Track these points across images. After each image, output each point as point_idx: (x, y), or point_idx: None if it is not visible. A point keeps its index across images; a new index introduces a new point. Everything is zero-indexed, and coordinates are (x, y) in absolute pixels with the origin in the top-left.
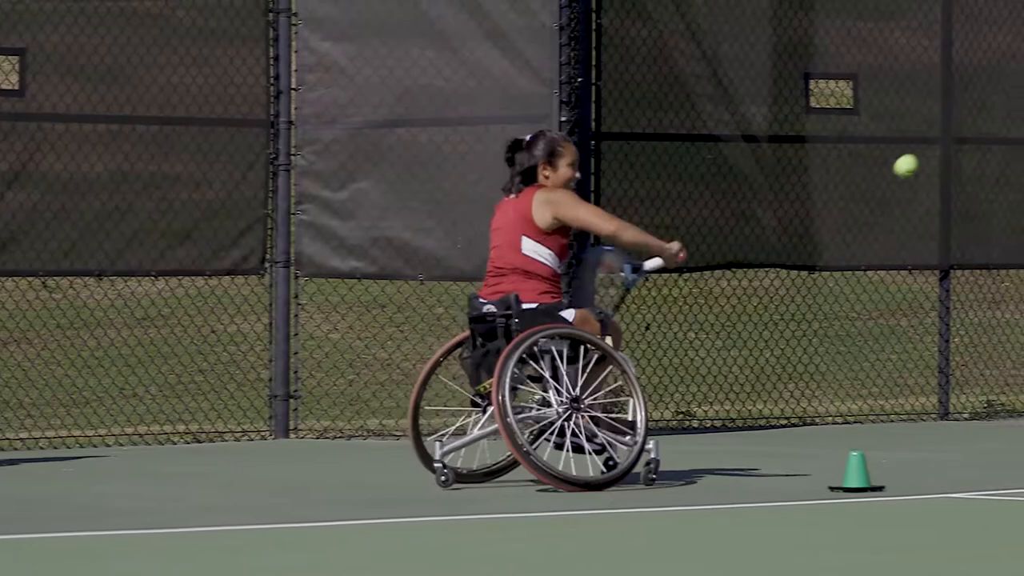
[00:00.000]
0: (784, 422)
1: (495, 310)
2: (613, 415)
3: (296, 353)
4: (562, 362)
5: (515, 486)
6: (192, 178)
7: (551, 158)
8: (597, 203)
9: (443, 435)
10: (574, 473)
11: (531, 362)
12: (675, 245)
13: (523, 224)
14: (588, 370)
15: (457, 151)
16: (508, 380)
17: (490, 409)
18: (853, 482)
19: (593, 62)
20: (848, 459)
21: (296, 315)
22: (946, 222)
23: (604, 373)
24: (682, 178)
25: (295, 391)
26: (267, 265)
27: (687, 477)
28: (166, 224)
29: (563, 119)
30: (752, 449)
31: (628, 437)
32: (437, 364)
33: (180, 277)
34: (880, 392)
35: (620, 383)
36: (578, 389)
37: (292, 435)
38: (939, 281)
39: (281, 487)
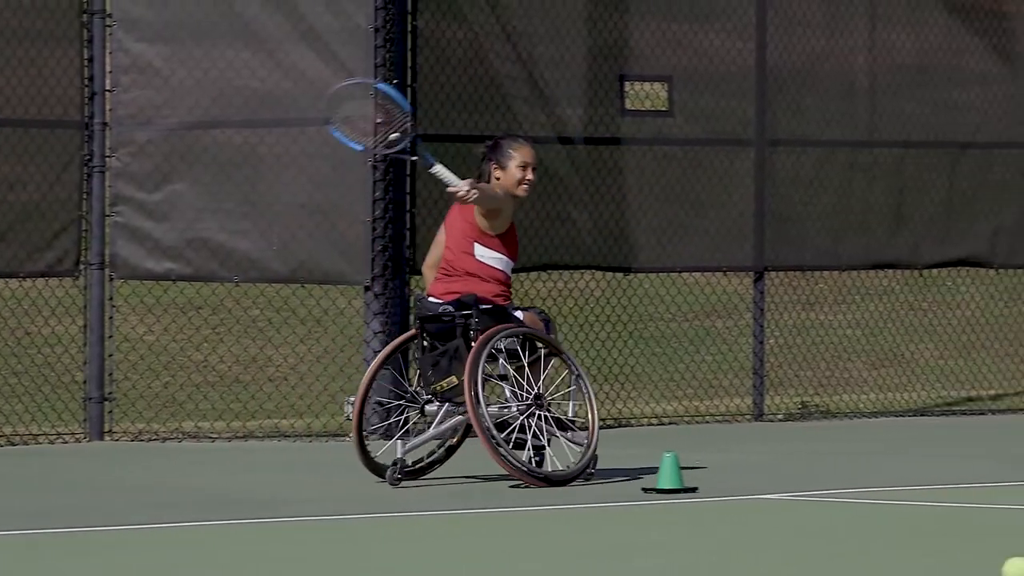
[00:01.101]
0: (600, 423)
1: (452, 310)
2: (557, 412)
3: (111, 355)
4: (535, 359)
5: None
6: (6, 179)
7: (501, 159)
8: (412, 205)
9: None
10: (546, 469)
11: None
12: (458, 184)
13: (472, 230)
14: (544, 368)
15: (272, 152)
16: (480, 377)
17: (444, 407)
18: (666, 483)
19: (408, 64)
20: (662, 460)
21: (111, 317)
22: (760, 224)
23: (547, 371)
24: None
25: (110, 393)
26: (82, 267)
27: (504, 479)
28: None
29: (379, 120)
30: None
31: (570, 433)
32: (382, 364)
33: None
34: (695, 393)
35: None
36: (540, 387)
37: (107, 437)
38: (753, 283)
39: (94, 490)
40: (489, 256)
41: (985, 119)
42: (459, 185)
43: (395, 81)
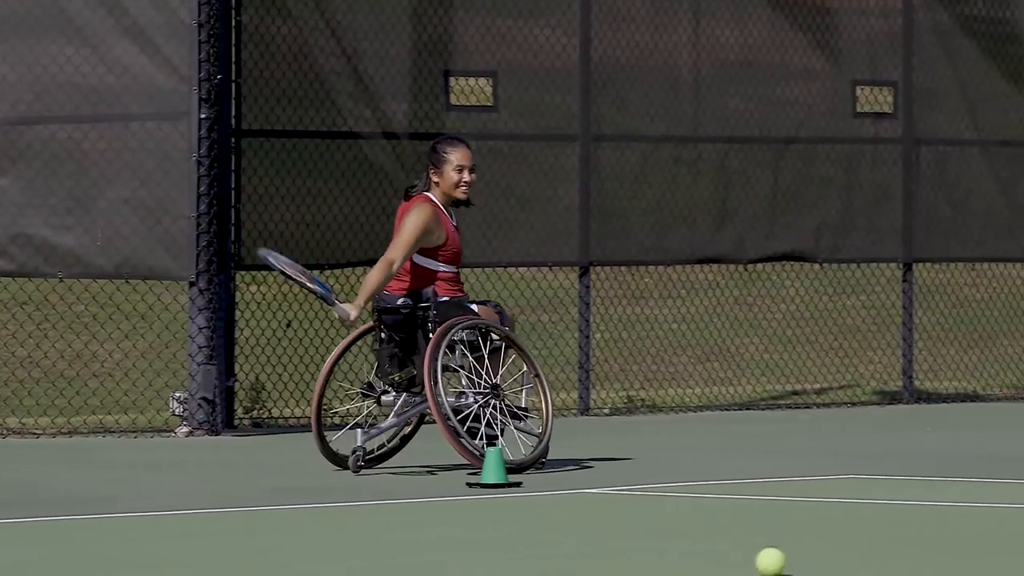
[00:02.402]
0: (427, 418)
1: (411, 302)
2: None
3: None
4: (493, 350)
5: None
6: None
7: (437, 163)
8: (237, 201)
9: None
10: (508, 457)
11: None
12: (345, 312)
13: None
14: (501, 359)
15: (96, 148)
16: (440, 367)
17: (401, 397)
18: (491, 478)
19: (233, 59)
20: (487, 455)
21: None
22: (585, 219)
23: (509, 361)
24: (323, 175)
25: None
26: None
27: (327, 475)
28: None
29: (203, 116)
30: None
31: (524, 423)
32: (340, 356)
33: None
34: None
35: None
36: (497, 378)
37: None
38: (579, 277)
39: None
40: (428, 263)
41: (809, 114)
42: (348, 312)
43: (219, 77)
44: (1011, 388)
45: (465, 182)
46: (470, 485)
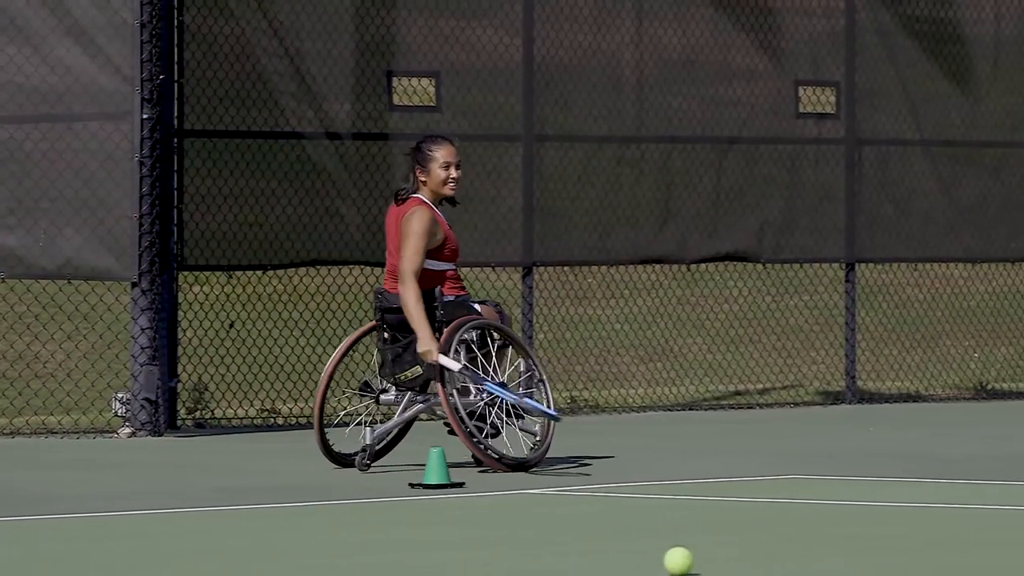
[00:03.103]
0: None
1: None
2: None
3: None
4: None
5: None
6: None
7: (422, 162)
8: (180, 201)
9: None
10: (511, 454)
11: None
12: (429, 354)
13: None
14: (504, 357)
15: (39, 148)
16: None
17: (405, 396)
18: (433, 479)
19: (175, 59)
20: (429, 455)
21: None
22: (528, 219)
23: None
24: (266, 175)
25: None
26: None
27: (271, 475)
28: None
29: (145, 116)
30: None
31: (525, 420)
32: (344, 355)
33: None
34: None
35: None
36: (503, 376)
37: None
38: (522, 278)
39: None
40: (432, 264)
41: (751, 114)
42: (440, 359)
43: (162, 77)
44: (953, 388)
45: (452, 179)
46: (412, 485)
